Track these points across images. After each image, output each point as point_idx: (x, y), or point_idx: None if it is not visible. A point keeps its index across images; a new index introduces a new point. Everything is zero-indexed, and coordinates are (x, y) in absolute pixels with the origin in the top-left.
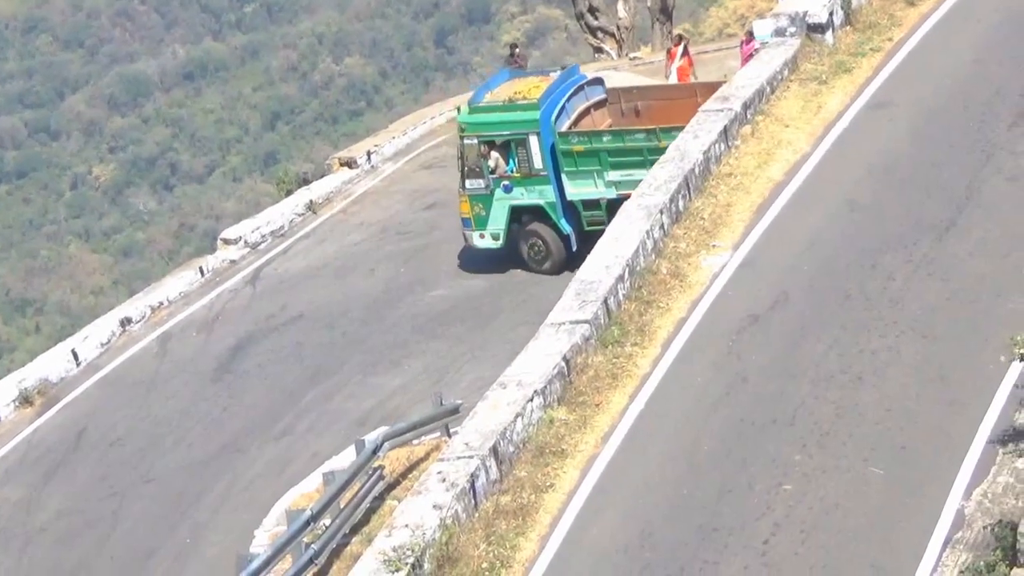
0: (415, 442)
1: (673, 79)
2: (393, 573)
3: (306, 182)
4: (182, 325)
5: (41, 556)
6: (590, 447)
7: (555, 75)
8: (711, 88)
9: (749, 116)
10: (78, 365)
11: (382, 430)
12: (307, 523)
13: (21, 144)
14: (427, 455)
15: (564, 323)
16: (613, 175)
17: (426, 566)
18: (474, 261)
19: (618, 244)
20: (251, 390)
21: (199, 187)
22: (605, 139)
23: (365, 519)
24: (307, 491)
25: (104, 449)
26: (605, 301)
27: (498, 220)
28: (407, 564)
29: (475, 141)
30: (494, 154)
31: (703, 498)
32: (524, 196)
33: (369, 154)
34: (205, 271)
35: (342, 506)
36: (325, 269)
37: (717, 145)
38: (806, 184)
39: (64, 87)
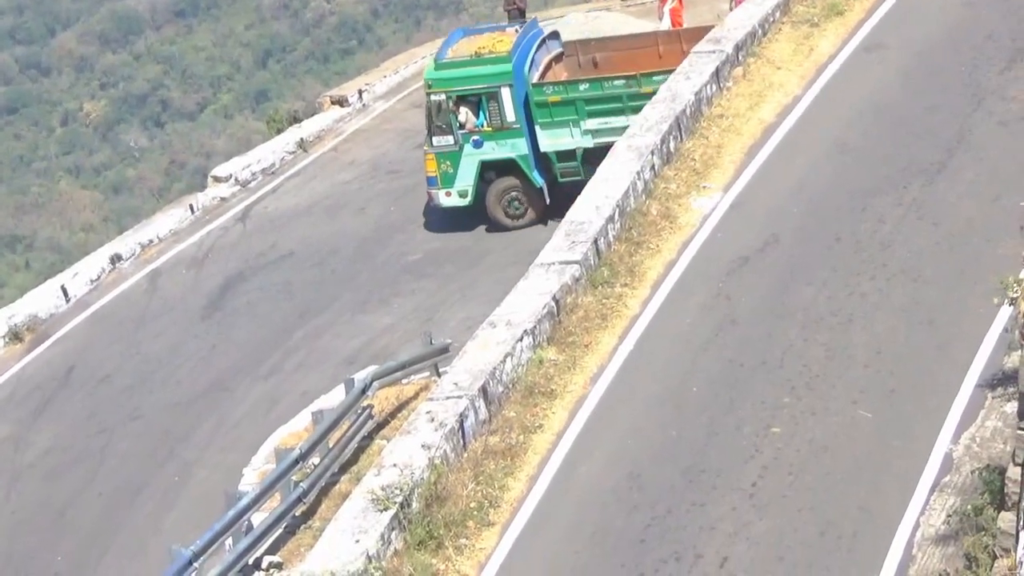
0: (404, 381)
1: (666, 22)
2: (382, 512)
3: (297, 120)
4: (172, 262)
5: (29, 492)
6: (579, 388)
7: (511, 30)
8: (673, 37)
9: (741, 58)
10: (68, 302)
11: (371, 369)
12: (296, 462)
13: (11, 80)
14: (416, 394)
15: (554, 263)
16: (590, 124)
17: (414, 505)
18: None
19: (608, 185)
20: (240, 328)
21: (190, 124)
22: (582, 88)
23: (354, 458)
24: (296, 430)
25: (93, 386)
26: (595, 242)
27: (466, 177)
28: (396, 503)
29: (443, 97)
30: (463, 109)
31: (691, 440)
32: (495, 150)
33: (360, 93)
34: (195, 208)
35: (331, 445)
36: (315, 207)
37: (709, 86)
38: (797, 126)
39: (55, 23)
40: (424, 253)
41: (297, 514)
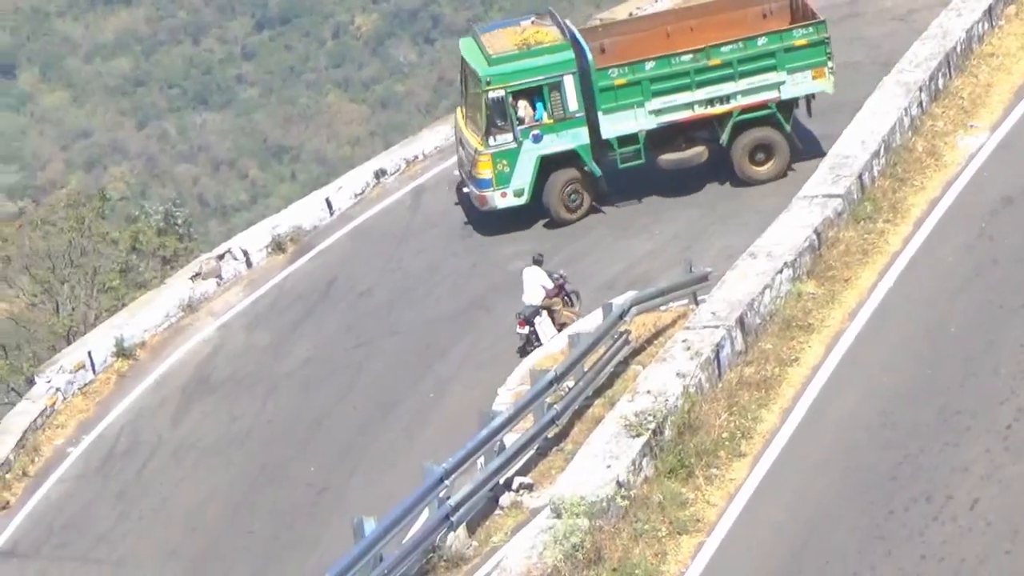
0: (662, 308)
1: None
2: (634, 438)
3: None
4: (436, 180)
5: (285, 402)
6: (837, 323)
7: (526, 23)
8: (681, 15)
9: None
10: (331, 214)
11: (630, 295)
12: (550, 384)
13: None
14: (673, 322)
15: (817, 196)
16: (655, 103)
17: (667, 433)
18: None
19: (875, 120)
20: (501, 249)
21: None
22: (649, 67)
23: (608, 383)
24: (552, 352)
25: (352, 299)
26: (859, 176)
27: (524, 174)
28: (648, 430)
29: (502, 93)
30: (522, 103)
31: (946, 379)
32: (555, 142)
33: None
34: None
35: (586, 369)
36: None
37: (980, 24)
38: None
39: None
40: (685, 180)
41: (549, 436)
